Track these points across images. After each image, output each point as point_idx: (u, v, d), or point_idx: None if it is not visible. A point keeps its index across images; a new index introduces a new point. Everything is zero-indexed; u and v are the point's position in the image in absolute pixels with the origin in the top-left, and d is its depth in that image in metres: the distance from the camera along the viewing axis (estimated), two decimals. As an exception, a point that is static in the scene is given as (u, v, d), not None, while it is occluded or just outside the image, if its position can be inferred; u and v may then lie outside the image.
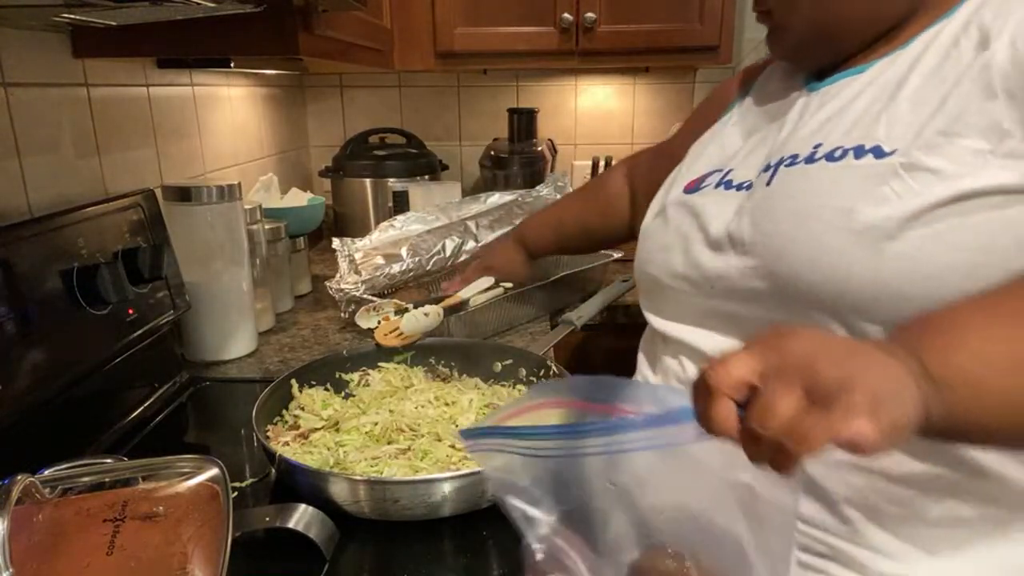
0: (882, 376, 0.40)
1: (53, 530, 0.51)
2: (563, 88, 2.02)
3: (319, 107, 2.04)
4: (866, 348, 0.42)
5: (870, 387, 0.38)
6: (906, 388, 0.41)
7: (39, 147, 0.93)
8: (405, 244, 1.27)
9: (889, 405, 0.39)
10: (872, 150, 0.56)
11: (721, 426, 0.40)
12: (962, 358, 0.44)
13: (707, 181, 0.73)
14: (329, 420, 0.85)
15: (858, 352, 0.41)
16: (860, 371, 0.39)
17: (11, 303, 0.73)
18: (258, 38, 0.96)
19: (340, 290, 1.23)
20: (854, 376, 0.38)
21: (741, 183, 0.68)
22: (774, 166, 0.63)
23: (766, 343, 0.41)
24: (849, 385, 0.38)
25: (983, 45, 0.55)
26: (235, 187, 1.08)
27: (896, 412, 0.39)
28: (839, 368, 0.39)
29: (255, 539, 0.65)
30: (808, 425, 0.38)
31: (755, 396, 0.39)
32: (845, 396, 0.38)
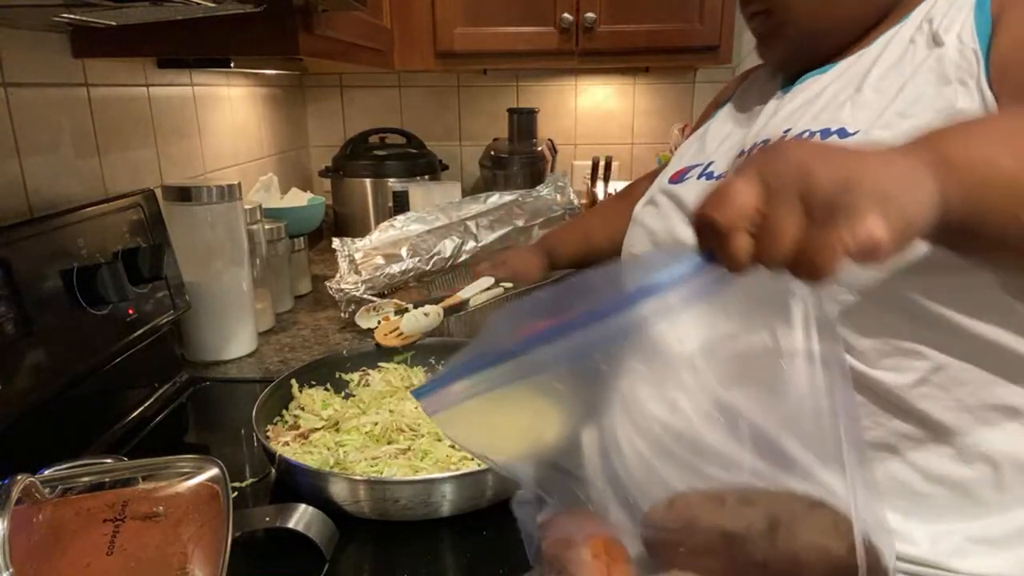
0: (885, 170, 0.37)
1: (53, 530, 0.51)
2: (563, 88, 2.02)
3: (319, 107, 2.04)
4: (858, 150, 0.39)
5: (873, 183, 0.35)
6: (917, 177, 0.38)
7: (39, 147, 0.93)
8: (405, 244, 1.27)
9: (899, 199, 0.36)
10: (838, 131, 0.60)
11: (744, 260, 0.36)
12: (984, 139, 0.42)
13: (690, 173, 0.76)
14: (329, 420, 0.85)
15: (856, 152, 0.38)
16: (859, 169, 0.36)
17: (11, 303, 0.73)
18: (258, 38, 0.96)
19: (340, 290, 1.23)
20: (853, 176, 0.35)
21: (721, 174, 0.72)
22: (749, 151, 0.68)
23: (757, 163, 0.38)
24: (850, 186, 0.35)
25: (935, 42, 0.61)
26: (235, 187, 1.08)
27: (908, 205, 0.36)
28: (836, 171, 0.35)
29: (255, 539, 0.65)
30: (817, 243, 0.35)
31: (761, 223, 0.36)
32: (847, 199, 0.35)
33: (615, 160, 1.81)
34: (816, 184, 0.35)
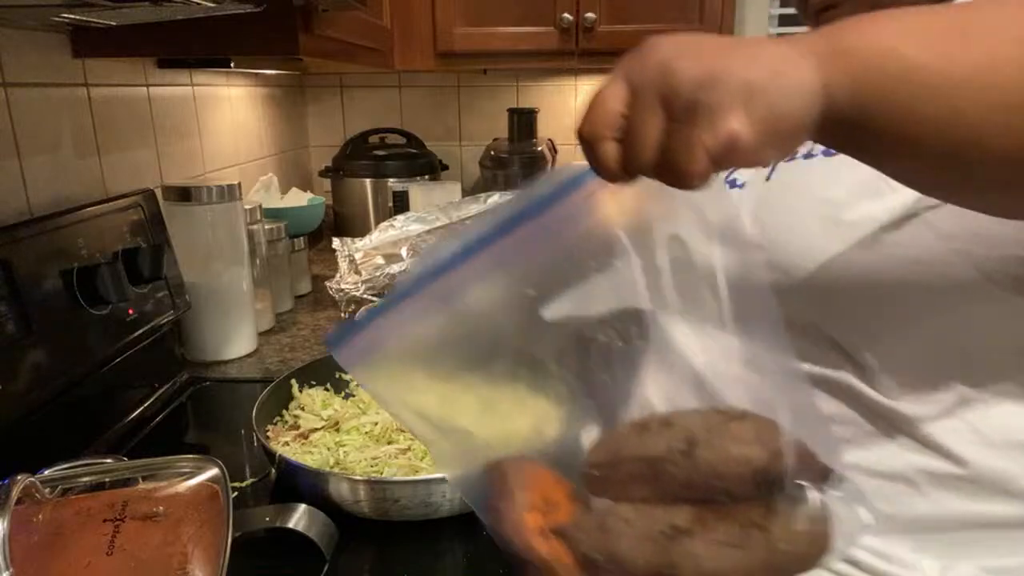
0: (754, 61, 0.34)
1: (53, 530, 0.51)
2: (563, 88, 2.01)
3: (319, 107, 2.04)
4: (741, 39, 0.37)
5: (739, 77, 0.32)
6: (791, 66, 0.34)
7: (39, 147, 0.93)
8: (405, 244, 1.27)
9: (767, 92, 0.33)
10: None
11: (613, 168, 0.35)
12: (890, 26, 0.36)
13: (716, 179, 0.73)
14: (329, 420, 0.85)
15: (726, 44, 0.35)
16: (725, 63, 0.33)
17: (11, 303, 0.73)
18: (258, 38, 0.96)
19: (340, 290, 1.23)
20: (716, 70, 0.33)
21: (744, 182, 0.68)
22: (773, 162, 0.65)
23: (624, 66, 0.36)
24: (713, 82, 0.32)
25: None
26: (235, 187, 1.08)
27: (778, 98, 0.33)
28: (699, 66, 0.33)
29: (255, 539, 0.65)
30: (678, 144, 0.33)
31: (626, 128, 0.35)
32: (708, 96, 0.32)
33: (615, 160, 1.81)
34: (677, 82, 0.33)
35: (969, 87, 0.34)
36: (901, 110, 0.35)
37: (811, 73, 0.34)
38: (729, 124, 0.32)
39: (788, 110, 0.33)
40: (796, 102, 0.34)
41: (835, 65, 0.34)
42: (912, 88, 0.34)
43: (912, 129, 0.35)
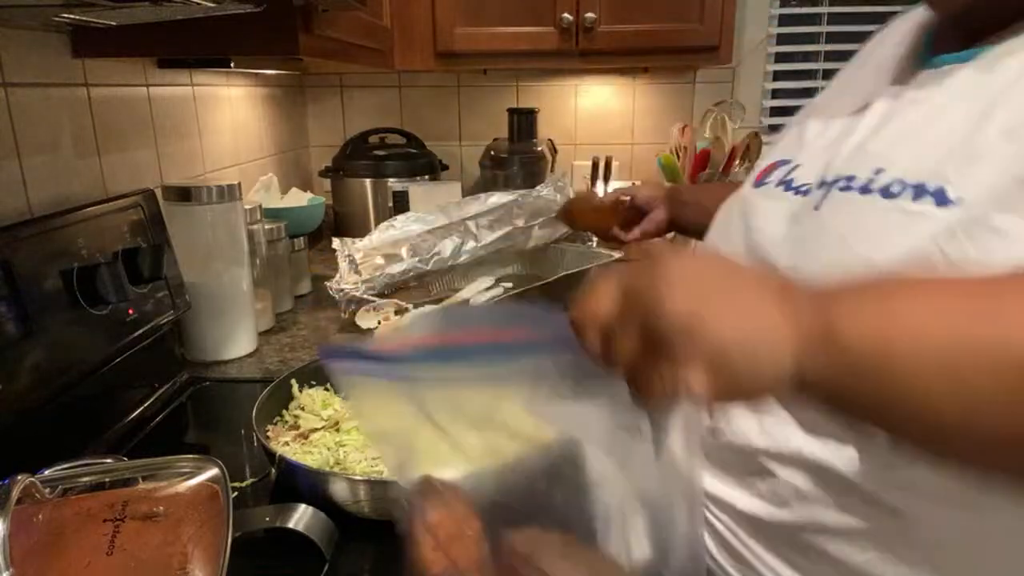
0: (737, 321, 0.35)
1: (53, 530, 0.51)
2: (563, 88, 2.01)
3: (319, 107, 2.04)
4: (739, 282, 0.38)
5: (714, 335, 0.35)
6: (770, 339, 0.35)
7: (39, 147, 0.93)
8: (405, 244, 1.27)
9: (735, 361, 0.35)
10: (934, 193, 0.46)
11: (593, 355, 0.40)
12: (884, 307, 0.35)
13: (773, 175, 0.64)
14: (329, 420, 0.85)
15: (720, 286, 0.37)
16: (708, 314, 0.35)
17: (11, 303, 0.73)
18: (258, 38, 0.96)
19: (340, 290, 1.23)
20: (696, 320, 0.35)
21: (800, 186, 0.59)
22: (829, 184, 0.55)
23: (628, 273, 0.39)
24: (689, 331, 0.35)
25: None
26: (235, 187, 1.08)
27: (743, 367, 0.35)
28: (684, 308, 0.35)
29: (255, 539, 0.65)
30: (644, 372, 0.36)
31: (608, 333, 0.39)
32: (680, 343, 0.35)
33: (615, 160, 1.81)
34: (659, 319, 0.36)
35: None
36: (881, 405, 0.35)
37: (789, 351, 0.35)
38: (690, 377, 0.35)
39: (752, 380, 0.35)
40: (764, 373, 0.35)
41: (819, 352, 0.34)
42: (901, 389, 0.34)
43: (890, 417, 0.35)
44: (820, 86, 2.01)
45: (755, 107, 2.00)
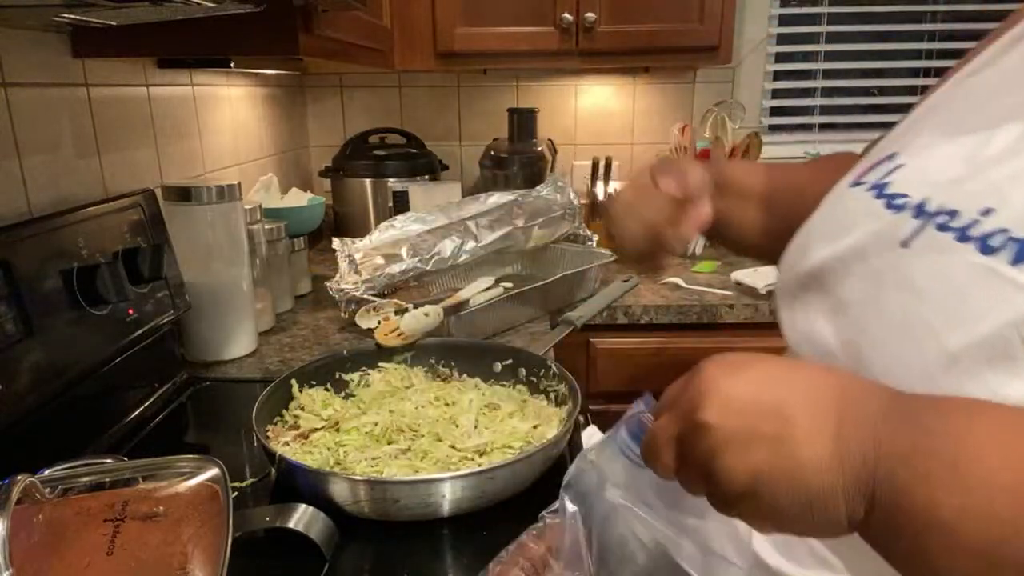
0: (792, 483, 0.35)
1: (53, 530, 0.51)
2: (563, 88, 2.01)
3: (319, 107, 2.04)
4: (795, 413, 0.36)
5: (769, 500, 0.36)
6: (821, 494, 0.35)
7: (39, 147, 0.93)
8: (405, 244, 1.27)
9: (790, 516, 0.36)
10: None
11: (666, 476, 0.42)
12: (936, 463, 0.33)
13: (872, 174, 0.53)
14: (329, 420, 0.85)
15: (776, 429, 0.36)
16: (766, 476, 0.36)
17: (11, 303, 0.73)
18: (258, 38, 0.96)
19: (340, 290, 1.23)
20: (751, 485, 0.36)
21: (894, 195, 0.48)
22: (930, 215, 0.44)
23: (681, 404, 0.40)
24: (744, 497, 0.37)
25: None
26: (235, 187, 1.08)
27: (799, 524, 0.36)
28: (743, 470, 0.36)
29: (255, 539, 0.65)
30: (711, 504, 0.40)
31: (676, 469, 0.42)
32: (736, 505, 0.38)
33: (615, 160, 1.81)
34: (717, 478, 0.37)
35: None
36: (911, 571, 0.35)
37: (842, 503, 0.35)
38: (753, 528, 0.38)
39: (809, 529, 0.37)
40: (818, 524, 0.36)
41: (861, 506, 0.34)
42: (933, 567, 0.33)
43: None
44: (820, 86, 2.02)
45: (755, 107, 2.00)
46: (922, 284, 0.42)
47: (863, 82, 2.02)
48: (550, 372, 0.94)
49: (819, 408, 0.36)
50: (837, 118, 2.05)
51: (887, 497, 0.33)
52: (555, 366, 0.94)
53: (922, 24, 1.96)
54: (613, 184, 1.78)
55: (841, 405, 0.36)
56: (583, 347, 1.46)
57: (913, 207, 0.46)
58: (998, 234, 0.39)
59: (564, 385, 0.90)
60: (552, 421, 0.85)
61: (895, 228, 0.46)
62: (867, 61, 1.99)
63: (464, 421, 0.84)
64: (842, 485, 0.34)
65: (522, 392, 0.95)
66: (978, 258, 0.39)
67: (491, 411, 0.87)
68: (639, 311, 1.42)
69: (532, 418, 0.85)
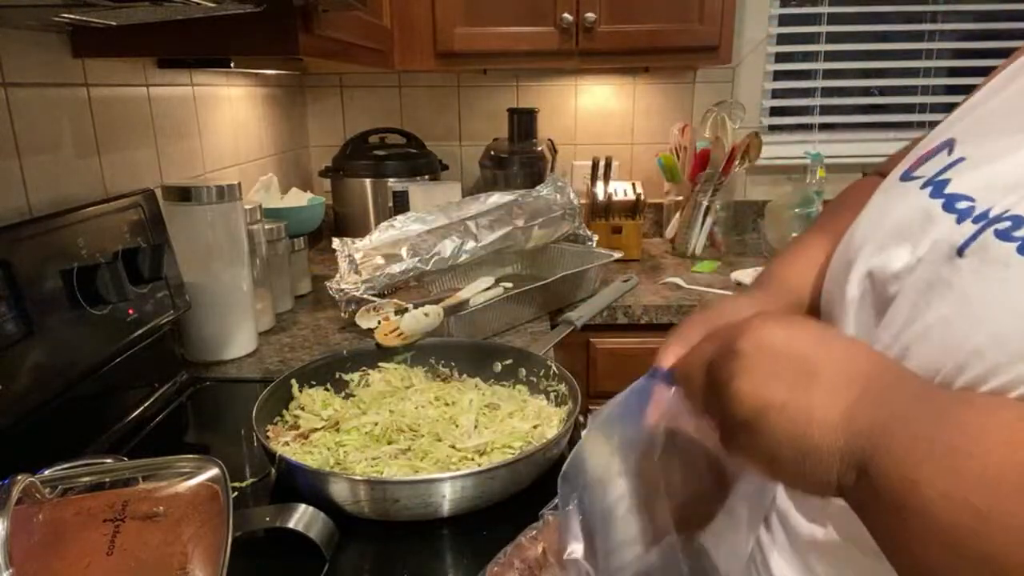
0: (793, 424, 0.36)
1: (53, 530, 0.51)
2: (563, 88, 2.01)
3: (319, 107, 2.04)
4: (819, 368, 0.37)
5: (768, 434, 0.37)
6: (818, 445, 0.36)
7: (39, 147, 0.93)
8: (405, 244, 1.27)
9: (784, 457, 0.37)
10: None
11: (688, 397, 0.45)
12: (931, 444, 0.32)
13: (926, 165, 0.48)
14: (329, 420, 0.85)
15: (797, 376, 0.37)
16: (772, 411, 0.37)
17: (11, 303, 0.73)
18: (258, 38, 0.96)
19: (340, 290, 1.23)
20: (756, 417, 0.38)
21: (954, 195, 0.43)
22: (989, 221, 0.39)
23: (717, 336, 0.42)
24: (747, 425, 0.38)
25: None
26: (235, 187, 1.08)
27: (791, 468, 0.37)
28: (753, 399, 0.38)
29: (255, 539, 0.65)
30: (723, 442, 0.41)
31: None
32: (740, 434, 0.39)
33: (615, 160, 1.81)
34: (727, 401, 0.39)
35: None
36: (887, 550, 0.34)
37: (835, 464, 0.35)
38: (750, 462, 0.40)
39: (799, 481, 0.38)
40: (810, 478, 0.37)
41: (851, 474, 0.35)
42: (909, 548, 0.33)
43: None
44: (820, 86, 2.03)
45: (755, 107, 2.00)
46: (976, 302, 0.38)
47: (863, 82, 2.02)
48: (550, 372, 0.94)
49: (848, 374, 0.37)
50: (837, 118, 2.05)
51: (879, 470, 0.33)
52: (555, 366, 0.94)
53: (922, 24, 1.96)
54: (613, 184, 1.77)
55: (870, 380, 0.36)
56: (583, 347, 1.46)
57: (978, 209, 0.41)
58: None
59: (564, 385, 0.90)
60: (552, 421, 0.85)
61: (952, 235, 0.41)
62: (867, 61, 1.99)
63: (464, 421, 0.84)
64: (841, 447, 0.35)
65: (522, 392, 0.95)
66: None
67: (491, 411, 0.87)
68: (639, 311, 1.42)
69: (532, 418, 0.85)
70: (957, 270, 0.39)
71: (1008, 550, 0.29)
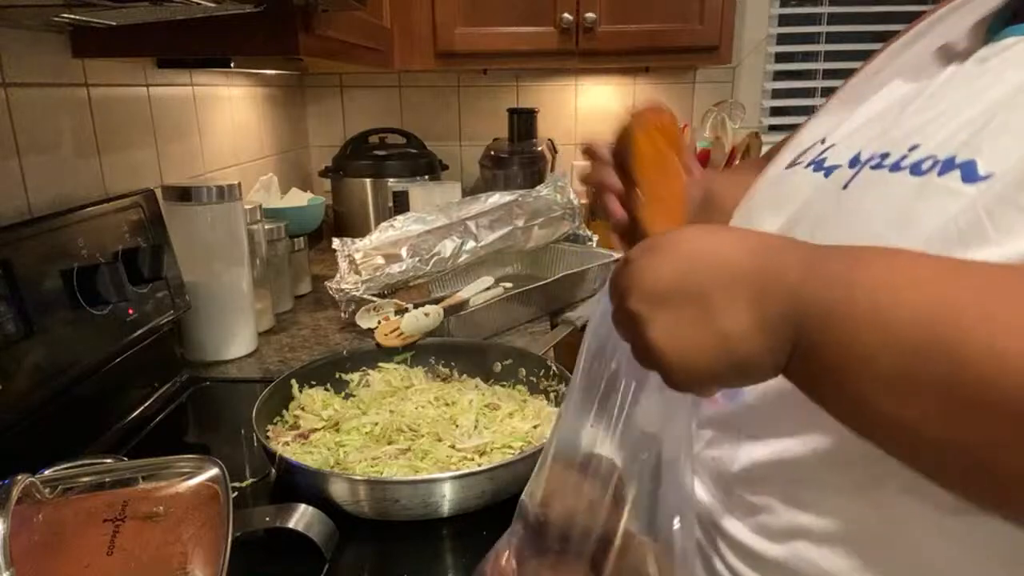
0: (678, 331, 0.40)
1: (53, 530, 0.51)
2: (563, 88, 2.01)
3: (319, 107, 2.04)
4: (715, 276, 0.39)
5: (650, 342, 0.40)
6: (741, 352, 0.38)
7: (39, 147, 0.93)
8: (405, 244, 1.27)
9: (703, 371, 0.39)
10: (961, 166, 0.42)
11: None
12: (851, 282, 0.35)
13: (805, 156, 0.58)
14: (329, 420, 0.85)
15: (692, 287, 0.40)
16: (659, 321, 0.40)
17: (11, 303, 0.73)
18: (258, 38, 0.96)
19: (340, 290, 1.23)
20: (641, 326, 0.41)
21: (832, 166, 0.53)
22: (863, 162, 0.50)
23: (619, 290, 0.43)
24: (636, 334, 0.41)
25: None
26: (235, 187, 1.08)
27: (712, 380, 0.40)
28: (637, 309, 0.41)
29: (255, 539, 0.65)
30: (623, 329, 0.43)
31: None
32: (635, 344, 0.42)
33: (615, 160, 1.80)
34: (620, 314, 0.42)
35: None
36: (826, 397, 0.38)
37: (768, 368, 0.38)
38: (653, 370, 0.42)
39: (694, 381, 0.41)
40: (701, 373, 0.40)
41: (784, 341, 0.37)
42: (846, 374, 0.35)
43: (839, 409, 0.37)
44: (820, 86, 2.02)
45: (755, 107, 2.00)
46: (865, 211, 0.47)
47: (863, 82, 2.01)
48: (550, 372, 0.94)
49: (735, 281, 0.39)
50: (837, 118, 2.05)
51: (810, 346, 0.36)
52: (555, 366, 0.94)
53: (922, 24, 1.96)
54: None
55: (757, 274, 0.39)
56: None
57: (847, 163, 0.52)
58: (927, 160, 0.45)
59: (564, 385, 0.90)
60: (552, 421, 0.85)
61: (835, 179, 0.52)
62: (867, 61, 1.98)
63: (464, 421, 0.84)
64: (766, 345, 0.37)
65: (522, 392, 0.95)
66: (910, 180, 0.45)
67: (491, 411, 0.87)
68: (639, 311, 1.42)
69: (532, 418, 0.85)
70: (847, 195, 0.49)
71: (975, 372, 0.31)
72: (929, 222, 0.42)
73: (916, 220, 0.42)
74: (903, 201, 0.44)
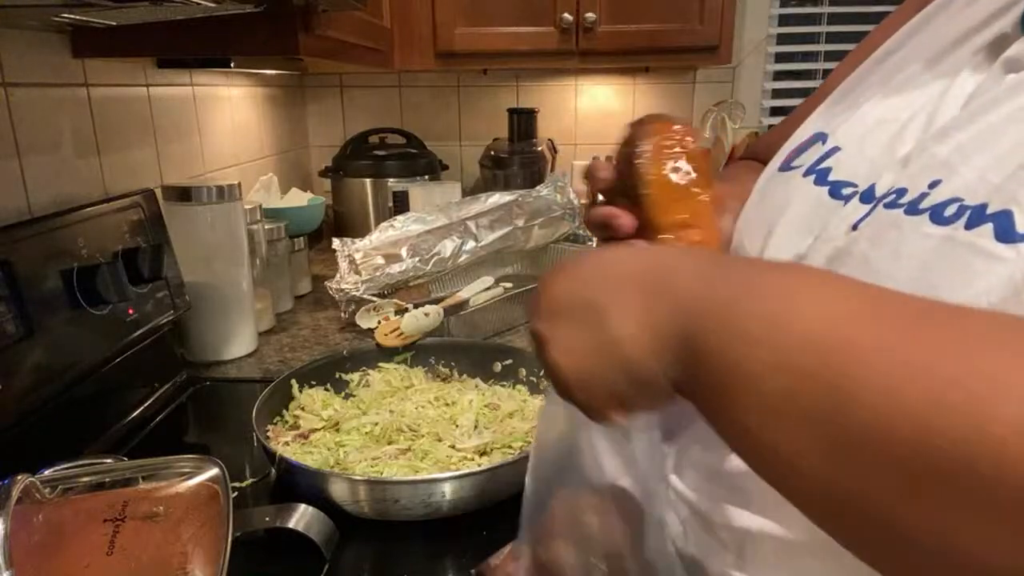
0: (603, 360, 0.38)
1: (53, 530, 0.51)
2: (563, 88, 2.01)
3: (319, 107, 2.04)
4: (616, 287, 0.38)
5: (551, 360, 0.40)
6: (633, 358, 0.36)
7: (39, 147, 0.93)
8: (405, 244, 1.27)
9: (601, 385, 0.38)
10: (995, 218, 0.33)
11: None
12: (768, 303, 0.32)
13: (802, 157, 0.50)
14: (329, 420, 0.85)
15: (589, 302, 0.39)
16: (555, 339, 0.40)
17: (11, 303, 0.73)
18: (258, 38, 0.96)
19: (340, 290, 1.23)
20: (541, 345, 0.41)
21: (839, 182, 0.45)
22: (877, 199, 0.41)
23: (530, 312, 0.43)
24: (538, 353, 0.41)
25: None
26: (235, 187, 1.08)
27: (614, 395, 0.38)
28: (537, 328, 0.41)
29: (255, 539, 0.65)
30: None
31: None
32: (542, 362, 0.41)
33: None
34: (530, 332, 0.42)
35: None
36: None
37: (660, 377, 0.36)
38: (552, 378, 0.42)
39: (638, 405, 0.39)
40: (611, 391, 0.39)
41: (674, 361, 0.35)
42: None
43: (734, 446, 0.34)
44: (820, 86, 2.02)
45: (755, 107, 2.00)
46: (881, 267, 0.39)
47: (863, 82, 2.01)
48: (550, 372, 0.94)
49: (626, 290, 0.38)
50: (837, 118, 2.05)
51: (699, 357, 0.33)
52: (555, 366, 0.93)
53: (922, 24, 1.96)
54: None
55: (647, 281, 0.37)
56: (583, 347, 1.46)
57: (862, 190, 0.43)
58: (950, 203, 0.36)
59: (564, 385, 0.90)
60: (552, 421, 0.85)
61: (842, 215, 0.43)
62: (867, 61, 1.98)
63: (464, 421, 0.84)
64: (656, 350, 0.35)
65: (522, 392, 0.95)
66: (930, 228, 0.36)
67: (491, 411, 0.87)
68: (639, 311, 1.42)
69: (532, 418, 0.85)
70: (855, 241, 0.41)
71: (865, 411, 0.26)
72: (953, 293, 0.34)
73: (937, 288, 0.34)
74: (922, 260, 0.36)
